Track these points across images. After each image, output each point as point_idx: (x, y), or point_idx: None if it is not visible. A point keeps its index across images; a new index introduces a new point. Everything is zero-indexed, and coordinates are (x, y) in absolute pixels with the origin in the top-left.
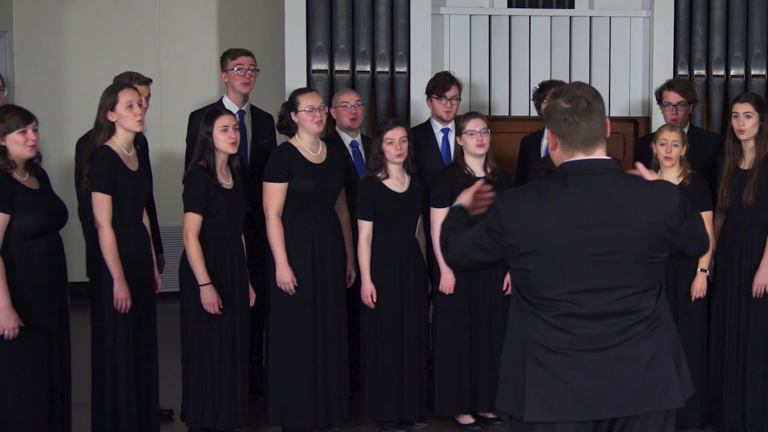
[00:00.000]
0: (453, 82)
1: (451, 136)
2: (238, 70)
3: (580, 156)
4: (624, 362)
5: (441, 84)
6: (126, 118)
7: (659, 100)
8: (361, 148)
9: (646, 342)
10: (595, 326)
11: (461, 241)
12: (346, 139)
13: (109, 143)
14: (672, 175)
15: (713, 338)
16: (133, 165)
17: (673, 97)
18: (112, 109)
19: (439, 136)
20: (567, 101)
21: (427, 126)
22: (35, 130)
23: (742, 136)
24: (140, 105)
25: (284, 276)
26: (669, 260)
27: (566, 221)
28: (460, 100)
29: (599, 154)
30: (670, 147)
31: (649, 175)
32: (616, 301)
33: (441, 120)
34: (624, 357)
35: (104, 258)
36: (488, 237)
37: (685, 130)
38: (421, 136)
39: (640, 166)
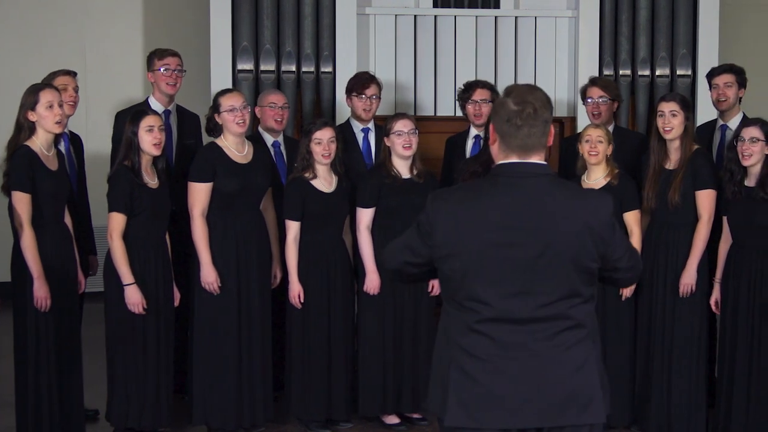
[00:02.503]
0: (373, 81)
1: (372, 136)
2: (165, 70)
3: (514, 159)
4: (548, 371)
5: (361, 82)
6: (45, 119)
7: (583, 99)
8: (282, 148)
9: (573, 351)
10: (518, 332)
11: (392, 244)
12: (268, 139)
13: (29, 143)
14: (599, 174)
15: (639, 338)
16: (52, 164)
17: (594, 92)
18: (33, 108)
19: (360, 136)
20: (515, 103)
21: (347, 126)
22: None
23: (667, 136)
24: (61, 106)
25: (208, 276)
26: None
27: (493, 223)
28: (379, 99)
29: (535, 159)
30: (594, 143)
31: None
32: (542, 308)
33: (360, 119)
34: (548, 365)
35: (24, 257)
36: (418, 237)
37: (610, 128)
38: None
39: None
